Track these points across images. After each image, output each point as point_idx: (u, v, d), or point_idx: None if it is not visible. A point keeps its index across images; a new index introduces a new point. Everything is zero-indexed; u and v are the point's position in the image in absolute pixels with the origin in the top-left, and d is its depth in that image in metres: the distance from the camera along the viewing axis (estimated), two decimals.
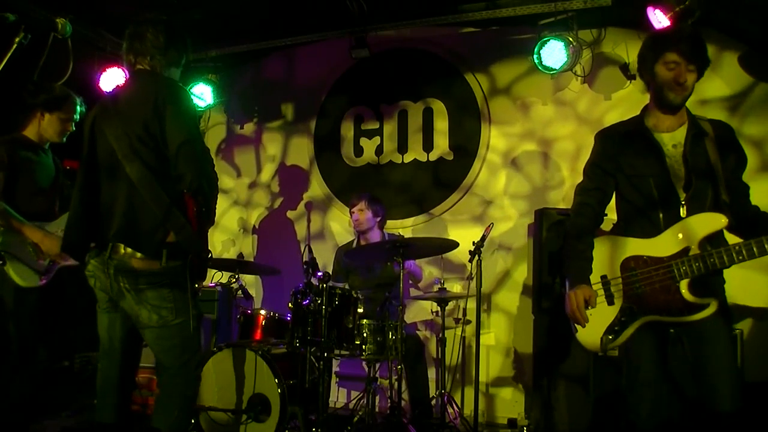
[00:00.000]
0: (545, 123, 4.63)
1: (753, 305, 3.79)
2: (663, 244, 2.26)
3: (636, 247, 2.30)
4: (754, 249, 2.10)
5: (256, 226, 5.44)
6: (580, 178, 2.56)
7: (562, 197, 4.48)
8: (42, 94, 3.17)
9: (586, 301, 2.29)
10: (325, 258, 4.96)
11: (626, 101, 4.38)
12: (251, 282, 5.22)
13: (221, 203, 5.41)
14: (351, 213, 4.44)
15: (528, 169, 4.65)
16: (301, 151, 5.35)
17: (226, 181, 5.47)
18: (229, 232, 5.52)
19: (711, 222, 2.21)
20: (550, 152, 4.60)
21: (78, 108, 3.26)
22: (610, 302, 2.32)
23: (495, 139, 4.74)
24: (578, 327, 2.38)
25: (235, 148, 5.59)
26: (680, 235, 2.23)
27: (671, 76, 2.27)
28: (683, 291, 2.19)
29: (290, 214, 5.33)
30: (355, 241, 4.52)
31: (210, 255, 2.49)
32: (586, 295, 2.30)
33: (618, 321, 2.29)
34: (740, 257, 2.12)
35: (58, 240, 2.95)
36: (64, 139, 3.28)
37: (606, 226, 2.50)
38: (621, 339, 2.28)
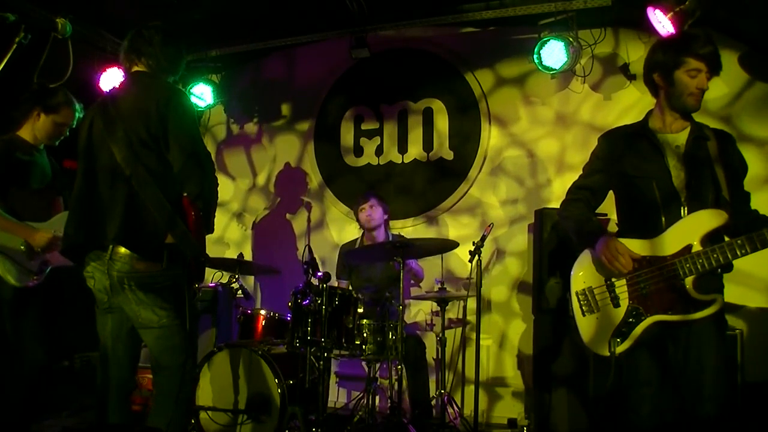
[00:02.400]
0: (545, 122, 4.62)
1: (753, 305, 3.79)
2: (665, 244, 2.25)
3: (638, 247, 2.29)
4: (756, 242, 2.10)
5: (256, 221, 5.44)
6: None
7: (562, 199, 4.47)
8: (42, 95, 3.15)
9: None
10: (325, 257, 4.96)
11: (626, 101, 4.38)
12: (251, 282, 5.22)
13: (219, 205, 5.42)
14: (360, 210, 4.36)
15: (528, 169, 4.64)
16: (301, 151, 5.34)
17: (225, 181, 5.46)
18: (227, 234, 5.51)
19: (712, 219, 2.21)
20: (548, 152, 4.59)
21: (76, 115, 3.21)
22: (616, 304, 2.32)
23: (495, 139, 4.74)
24: (584, 332, 2.37)
25: (235, 148, 5.58)
26: (682, 234, 2.23)
27: (694, 83, 2.29)
28: (689, 289, 2.19)
29: (290, 214, 5.33)
30: (359, 240, 4.51)
31: (207, 258, 2.50)
32: (615, 245, 2.25)
33: (625, 323, 2.28)
34: (743, 251, 2.12)
35: (49, 234, 2.98)
36: (57, 143, 3.24)
37: (610, 227, 2.50)
38: (629, 341, 2.26)
